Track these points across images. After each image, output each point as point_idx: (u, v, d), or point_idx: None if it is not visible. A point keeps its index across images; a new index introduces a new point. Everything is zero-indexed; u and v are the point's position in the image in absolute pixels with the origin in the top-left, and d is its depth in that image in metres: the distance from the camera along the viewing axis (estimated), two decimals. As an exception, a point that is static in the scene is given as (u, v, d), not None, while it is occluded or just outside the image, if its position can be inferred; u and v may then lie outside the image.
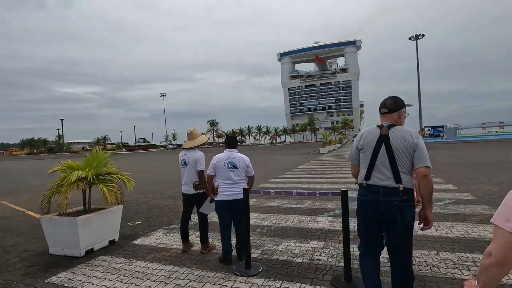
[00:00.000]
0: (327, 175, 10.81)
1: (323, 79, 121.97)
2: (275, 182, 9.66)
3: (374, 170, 2.06)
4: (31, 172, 20.47)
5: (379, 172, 2.04)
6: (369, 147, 2.10)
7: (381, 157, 2.04)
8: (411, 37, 66.57)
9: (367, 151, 2.11)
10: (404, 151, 1.98)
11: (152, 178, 12.68)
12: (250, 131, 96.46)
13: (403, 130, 2.05)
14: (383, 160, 2.03)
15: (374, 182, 2.05)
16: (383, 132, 2.06)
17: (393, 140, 2.02)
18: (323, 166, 14.39)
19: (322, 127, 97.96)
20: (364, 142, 2.14)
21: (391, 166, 2.00)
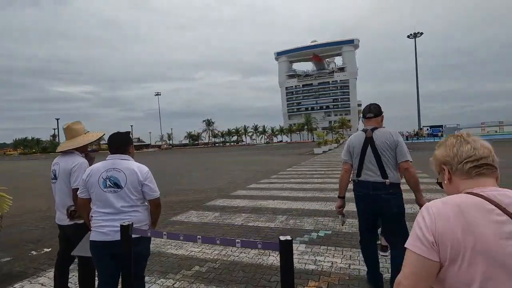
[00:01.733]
0: (315, 179, 9.51)
1: (321, 78, 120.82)
2: (252, 189, 8.35)
3: (364, 168, 2.37)
4: None
5: (368, 169, 2.35)
6: (358, 149, 2.41)
7: (368, 157, 2.35)
8: (410, 35, 65.52)
9: (356, 152, 2.42)
10: (387, 148, 2.30)
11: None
12: (246, 131, 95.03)
13: (385, 130, 2.37)
14: (370, 159, 2.34)
15: (365, 178, 2.37)
16: (368, 135, 2.38)
17: (377, 140, 2.33)
18: (313, 168, 13.10)
19: (319, 126, 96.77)
20: (353, 145, 2.46)
21: (378, 164, 2.31)
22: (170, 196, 7.75)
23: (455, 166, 0.90)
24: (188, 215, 5.55)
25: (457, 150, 0.91)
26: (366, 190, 2.36)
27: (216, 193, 7.89)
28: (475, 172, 0.87)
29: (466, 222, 0.77)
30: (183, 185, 9.69)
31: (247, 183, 9.47)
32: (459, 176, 0.89)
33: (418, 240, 0.81)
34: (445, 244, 0.77)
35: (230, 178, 11.08)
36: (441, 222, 0.79)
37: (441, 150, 0.96)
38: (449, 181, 0.93)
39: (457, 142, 0.92)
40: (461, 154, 0.89)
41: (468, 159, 0.88)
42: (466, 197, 0.82)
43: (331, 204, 5.75)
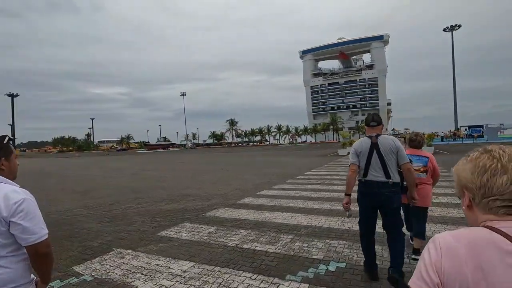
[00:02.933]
0: (335, 186, 8.43)
1: (348, 76, 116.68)
2: (262, 197, 7.48)
3: (370, 169, 2.72)
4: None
5: (374, 170, 2.70)
6: (365, 153, 2.76)
7: (374, 159, 2.71)
8: (446, 28, 60.83)
9: (363, 155, 2.77)
10: (390, 153, 2.69)
11: (129, 184, 10.97)
12: (269, 131, 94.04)
13: (387, 137, 2.80)
14: (376, 162, 2.70)
15: (370, 178, 2.73)
16: (373, 140, 2.76)
17: (381, 146, 2.72)
18: (335, 172, 11.95)
19: (345, 126, 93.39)
20: (361, 149, 2.80)
21: (382, 166, 2.67)
22: (172, 202, 7.11)
23: (479, 199, 0.72)
24: (180, 228, 4.82)
25: (488, 180, 0.70)
26: (371, 189, 2.72)
27: (221, 200, 7.13)
28: (503, 211, 0.69)
29: (479, 264, 0.66)
30: (190, 189, 9.05)
31: (258, 188, 8.62)
32: (482, 209, 0.73)
33: (422, 280, 0.70)
34: (451, 287, 0.67)
35: (242, 182, 10.30)
36: (448, 261, 0.68)
37: (466, 170, 0.76)
38: (468, 208, 0.78)
39: (491, 168, 0.70)
40: (491, 186, 0.69)
41: (500, 196, 0.69)
42: (483, 232, 0.69)
43: (350, 222, 4.74)
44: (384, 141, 2.72)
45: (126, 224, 5.25)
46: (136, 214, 5.98)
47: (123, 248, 3.99)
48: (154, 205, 6.91)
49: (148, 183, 11.05)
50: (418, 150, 3.44)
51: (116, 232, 4.75)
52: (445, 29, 60.99)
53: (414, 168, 2.98)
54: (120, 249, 3.96)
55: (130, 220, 5.49)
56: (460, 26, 59.54)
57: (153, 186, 10.23)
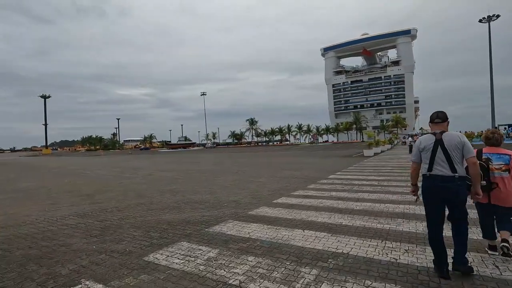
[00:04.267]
0: (366, 194, 7.16)
1: (372, 73, 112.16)
2: (278, 206, 6.38)
3: (435, 164, 2.78)
4: (34, 170, 19.97)
5: (439, 165, 2.76)
6: (428, 149, 2.83)
7: (439, 155, 2.76)
8: (482, 19, 56.17)
9: (427, 151, 2.84)
10: (455, 148, 2.72)
11: (138, 187, 10.26)
12: (290, 130, 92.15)
13: (452, 133, 2.82)
14: (441, 157, 2.75)
15: (435, 172, 2.77)
16: (437, 137, 2.81)
17: (446, 142, 2.75)
18: (363, 176, 10.58)
19: (369, 126, 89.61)
20: (424, 146, 2.88)
21: (447, 161, 2.72)
22: (175, 211, 6.20)
23: None
24: (174, 250, 3.85)
25: None
26: (436, 183, 2.77)
27: (231, 210, 6.12)
28: None
29: None
30: (200, 194, 8.13)
31: (276, 195, 7.52)
32: None
33: None
34: None
35: (258, 186, 9.24)
36: None
37: None
38: None
39: None
40: None
41: None
42: None
43: (396, 250, 3.55)
44: (449, 137, 2.78)
45: (113, 240, 4.37)
46: (130, 226, 5.10)
47: (94, 280, 3.07)
48: (155, 213, 6.02)
49: (158, 186, 10.29)
50: (497, 148, 3.26)
51: (97, 253, 3.86)
52: (481, 20, 56.36)
53: (495, 167, 3.13)
54: (89, 281, 3.04)
55: (120, 235, 4.61)
56: (498, 16, 54.78)
57: (163, 189, 9.43)
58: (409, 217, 4.97)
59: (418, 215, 5.05)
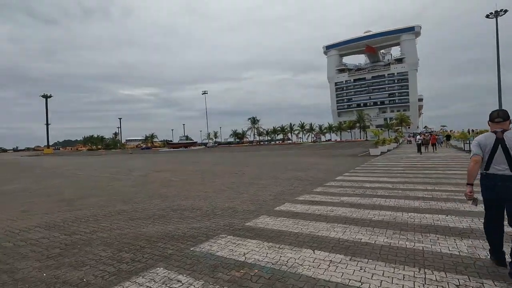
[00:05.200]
0: (382, 200, 6.20)
1: (375, 71, 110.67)
2: (281, 215, 5.44)
3: (493, 163, 2.72)
4: (28, 170, 19.16)
5: (497, 164, 2.69)
6: (489, 147, 2.75)
7: (499, 154, 2.69)
8: (489, 14, 54.63)
9: (488, 150, 2.76)
10: None
11: (128, 190, 9.36)
12: (292, 129, 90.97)
13: None
14: (500, 156, 2.68)
15: (493, 172, 2.73)
16: (498, 136, 2.72)
17: (508, 141, 2.66)
18: (374, 177, 9.61)
19: (373, 124, 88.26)
20: (485, 143, 2.79)
21: (507, 160, 2.64)
22: (160, 221, 5.28)
23: None
24: (143, 283, 2.92)
25: None
26: (494, 182, 2.72)
27: (226, 219, 5.19)
28: None
29: None
30: (192, 200, 7.21)
31: (278, 201, 6.59)
32: None
33: None
34: None
35: (258, 190, 8.31)
36: None
37: None
38: None
39: None
40: None
41: None
42: None
43: (441, 283, 2.60)
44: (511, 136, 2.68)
45: (72, 264, 3.46)
46: (101, 243, 4.19)
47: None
48: (136, 224, 5.11)
49: (150, 189, 9.39)
50: None
51: (44, 286, 2.95)
52: (488, 15, 54.75)
53: None
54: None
55: (83, 257, 3.69)
56: (506, 11, 53.24)
57: (153, 193, 8.53)
58: (443, 232, 4.01)
59: (453, 229, 4.10)
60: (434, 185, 7.77)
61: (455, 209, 5.17)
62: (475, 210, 4.94)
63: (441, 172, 10.17)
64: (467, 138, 23.19)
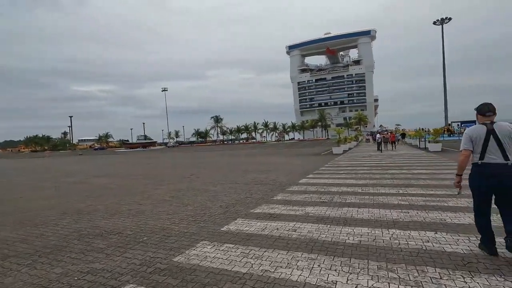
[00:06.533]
0: (351, 209, 5.12)
1: (335, 72, 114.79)
2: (233, 235, 4.08)
3: (487, 153, 2.87)
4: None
5: (491, 154, 2.86)
6: (481, 138, 2.90)
7: (491, 144, 2.85)
8: (436, 21, 59.03)
9: (479, 141, 2.91)
10: (507, 137, 2.82)
11: (45, 202, 7.30)
12: (256, 128, 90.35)
13: (503, 123, 2.92)
14: (493, 146, 2.85)
15: (487, 161, 2.87)
16: (489, 127, 2.89)
17: (499, 132, 2.85)
18: (340, 179, 8.67)
19: (334, 123, 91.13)
20: (475, 136, 2.94)
21: (500, 149, 2.82)
22: (41, 263, 3.57)
23: None
24: None
25: None
26: (488, 170, 2.87)
27: (148, 252, 3.65)
28: None
29: None
30: (114, 217, 5.52)
31: (228, 216, 5.19)
32: None
33: None
34: None
35: (207, 201, 6.84)
36: None
37: None
38: None
39: None
40: None
41: None
42: None
43: None
44: (501, 127, 2.87)
45: None
46: None
47: None
48: (5, 266, 3.36)
49: (70, 202, 7.42)
50: None
51: None
52: (435, 22, 59.31)
53: None
54: None
55: None
56: (450, 19, 57.94)
57: (70, 208, 6.65)
58: (442, 262, 2.94)
59: (453, 256, 3.06)
60: (406, 187, 6.98)
61: (441, 222, 4.23)
62: (465, 223, 4.09)
63: (407, 172, 9.60)
64: (422, 136, 23.99)
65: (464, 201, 5.22)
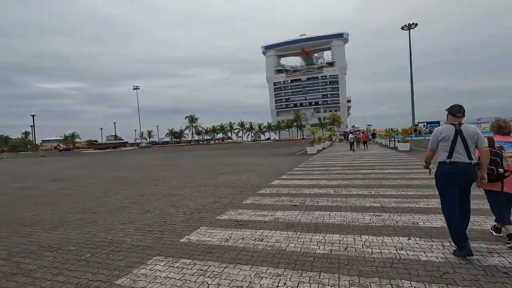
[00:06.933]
0: (326, 214, 4.85)
1: (310, 73, 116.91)
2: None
3: (454, 152, 3.02)
4: None
5: (458, 153, 3.01)
6: (449, 138, 3.05)
7: (458, 144, 3.01)
8: (404, 26, 61.91)
9: (447, 141, 3.05)
10: (471, 139, 3.00)
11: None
12: (232, 128, 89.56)
13: (469, 125, 3.10)
14: (460, 145, 3.01)
15: (455, 160, 3.02)
16: (457, 128, 3.05)
17: (465, 133, 3.02)
18: (315, 180, 8.46)
19: (308, 123, 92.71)
20: (444, 135, 3.08)
21: (465, 149, 3.00)
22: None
23: None
24: None
25: None
26: (455, 168, 3.02)
27: (88, 274, 3.09)
28: None
29: None
30: (58, 230, 4.82)
31: (190, 225, 4.70)
32: None
33: None
34: None
35: (170, 206, 6.28)
36: None
37: None
38: None
39: None
40: None
41: None
42: None
43: None
44: (467, 129, 3.04)
45: None
46: None
47: None
48: None
49: (14, 211, 6.52)
50: (508, 137, 3.38)
51: None
52: (403, 27, 62.16)
53: (507, 155, 3.20)
54: None
55: None
56: (416, 24, 60.99)
57: (10, 219, 5.79)
58: (418, 275, 2.68)
59: (429, 265, 2.82)
60: (378, 188, 6.87)
61: (414, 226, 4.05)
62: (437, 226, 3.95)
63: (378, 172, 9.62)
64: (392, 136, 24.78)
65: (435, 201, 5.13)
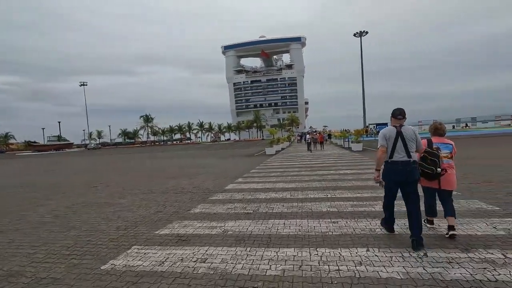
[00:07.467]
0: (281, 222, 4.43)
1: (269, 75, 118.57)
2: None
3: (395, 152, 3.35)
4: None
5: (398, 153, 3.34)
6: (392, 139, 3.37)
7: (399, 144, 3.34)
8: (356, 33, 65.86)
9: (390, 141, 3.38)
10: (411, 140, 3.35)
11: None
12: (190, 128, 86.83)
13: (409, 128, 3.43)
14: (400, 146, 3.33)
15: (396, 158, 3.35)
16: (398, 130, 3.38)
17: (405, 134, 3.35)
18: (272, 184, 8.07)
19: (268, 124, 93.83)
20: (389, 135, 3.39)
21: (405, 149, 3.32)
22: None
23: None
24: None
25: None
26: (396, 166, 3.34)
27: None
28: None
29: None
30: None
31: (122, 243, 3.91)
32: None
33: None
34: None
35: (103, 219, 5.35)
36: None
37: None
38: None
39: None
40: None
41: None
42: None
43: None
44: (407, 130, 3.37)
45: None
46: None
47: None
48: None
49: None
50: (443, 138, 3.67)
51: None
52: (355, 34, 65.98)
53: (443, 155, 3.52)
54: None
55: None
56: (367, 32, 65.18)
57: None
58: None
59: (388, 282, 2.49)
60: (334, 190, 6.69)
61: (372, 233, 3.79)
62: (395, 233, 3.69)
63: (334, 173, 9.60)
64: (346, 137, 25.80)
65: (390, 204, 5.00)
